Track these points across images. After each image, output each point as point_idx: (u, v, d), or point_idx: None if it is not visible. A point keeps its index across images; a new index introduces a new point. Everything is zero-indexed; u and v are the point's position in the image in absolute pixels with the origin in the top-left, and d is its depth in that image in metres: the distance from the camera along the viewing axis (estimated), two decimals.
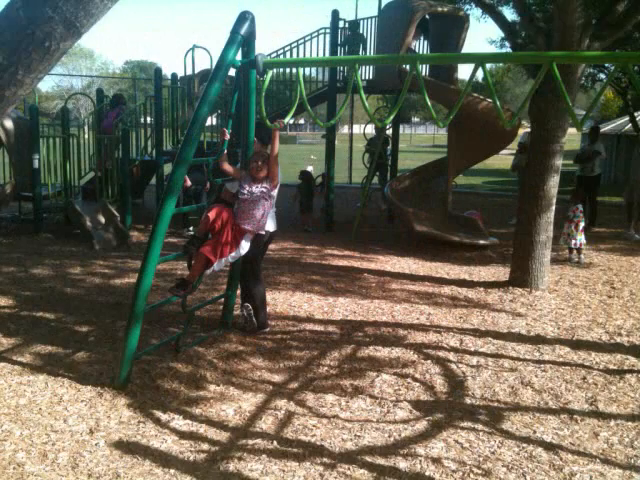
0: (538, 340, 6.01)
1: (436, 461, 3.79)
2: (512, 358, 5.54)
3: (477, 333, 6.13)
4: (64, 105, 11.62)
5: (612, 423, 4.34)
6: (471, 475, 3.64)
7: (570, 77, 7.01)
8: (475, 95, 10.08)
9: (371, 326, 6.35)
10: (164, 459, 3.79)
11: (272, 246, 10.26)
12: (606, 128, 23.71)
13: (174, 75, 13.58)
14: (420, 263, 9.38)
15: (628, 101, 23.22)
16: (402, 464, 3.75)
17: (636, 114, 21.65)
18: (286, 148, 57.81)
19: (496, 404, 4.63)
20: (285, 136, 70.50)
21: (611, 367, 5.37)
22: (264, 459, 3.79)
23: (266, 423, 4.27)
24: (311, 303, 7.10)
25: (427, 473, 3.66)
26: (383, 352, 5.64)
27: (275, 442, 4.01)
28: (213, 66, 5.29)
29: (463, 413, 4.46)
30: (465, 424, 4.28)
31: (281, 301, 7.14)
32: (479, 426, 4.26)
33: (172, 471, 3.66)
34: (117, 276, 8.15)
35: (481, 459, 3.83)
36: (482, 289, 7.80)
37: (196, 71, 12.90)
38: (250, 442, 4.01)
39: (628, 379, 5.10)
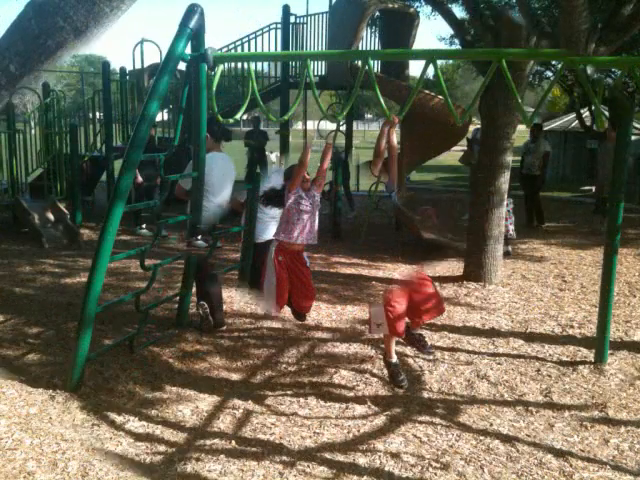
0: (492, 333, 6.09)
1: (395, 456, 3.80)
2: (468, 351, 5.60)
3: (433, 327, 6.15)
4: (9, 100, 11.31)
5: (566, 414, 4.42)
6: (430, 469, 3.67)
7: (519, 74, 7.11)
8: (427, 92, 10.13)
9: None
10: (119, 462, 3.71)
11: None
12: (553, 125, 24.26)
13: (123, 69, 13.35)
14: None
15: (575, 98, 23.73)
16: (361, 460, 3.76)
17: (582, 111, 22.17)
18: (239, 144, 57.31)
19: (453, 397, 4.68)
20: (238, 133, 70.07)
21: (564, 359, 5.47)
22: (222, 459, 3.75)
23: (224, 423, 4.23)
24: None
25: (386, 468, 3.67)
26: (341, 348, 5.64)
27: (233, 442, 3.97)
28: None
29: (421, 407, 4.49)
30: (423, 418, 4.31)
31: (238, 299, 7.05)
32: (437, 420, 4.29)
33: (128, 474, 3.59)
34: (68, 275, 7.97)
35: (439, 453, 3.86)
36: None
37: (145, 65, 12.72)
38: (208, 442, 3.96)
39: (581, 370, 5.20)
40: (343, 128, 13.78)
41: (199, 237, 10.80)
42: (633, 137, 16.62)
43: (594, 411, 4.46)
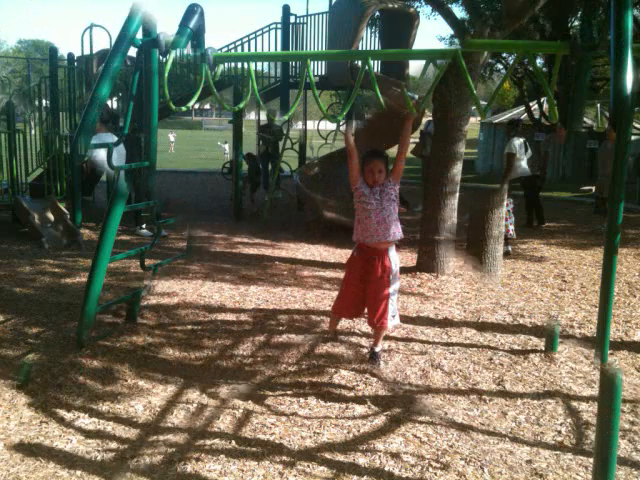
0: (446, 323, 6.15)
1: (394, 456, 3.78)
2: (422, 341, 5.65)
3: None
4: (9, 100, 11.24)
5: (519, 402, 4.47)
6: (383, 460, 3.71)
7: (472, 66, 7.19)
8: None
9: (284, 314, 6.38)
10: (70, 460, 3.66)
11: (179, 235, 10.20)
12: (502, 118, 24.79)
13: (70, 55, 13.05)
14: (330, 250, 9.56)
15: (524, 91, 24.23)
16: (361, 460, 3.73)
17: (531, 104, 22.62)
18: (192, 134, 56.90)
19: (408, 387, 4.70)
20: (190, 122, 69.50)
21: (515, 348, 5.54)
22: (175, 454, 3.70)
23: (177, 417, 4.18)
24: (222, 292, 7.08)
25: (386, 468, 3.64)
26: (296, 340, 5.66)
27: (187, 436, 3.93)
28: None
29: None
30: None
31: (191, 291, 7.10)
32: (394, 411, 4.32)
33: (78, 472, 3.53)
34: (68, 275, 7.94)
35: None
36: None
37: (94, 51, 12.53)
38: (161, 438, 3.90)
39: (532, 359, 5.27)
40: (342, 128, 13.78)
41: (144, 226, 10.83)
42: (633, 137, 16.73)
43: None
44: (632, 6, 3.60)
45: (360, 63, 4.93)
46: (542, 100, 22.75)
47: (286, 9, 12.14)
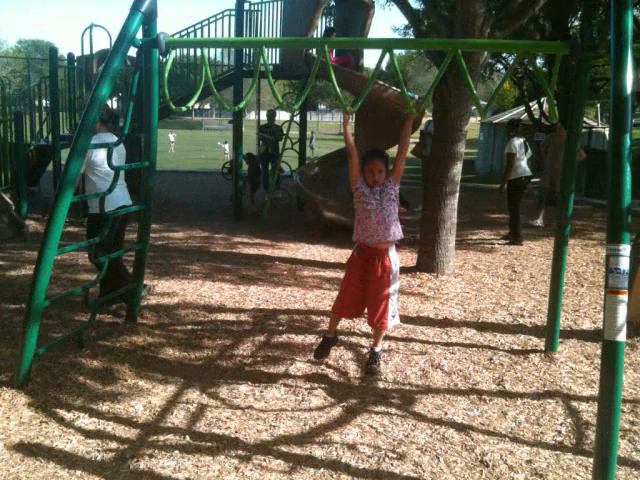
0: (446, 323, 6.13)
1: (352, 447, 3.77)
2: (422, 341, 5.62)
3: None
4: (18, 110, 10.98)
5: (519, 402, 4.46)
6: (386, 459, 3.64)
7: (472, 66, 7.17)
8: (381, 83, 10.11)
9: (284, 314, 6.31)
10: (70, 460, 3.60)
11: (179, 235, 10.11)
12: (502, 118, 24.97)
13: (70, 55, 12.98)
14: (330, 250, 9.49)
15: (524, 91, 24.35)
16: (318, 452, 3.71)
17: (531, 104, 22.72)
18: (192, 134, 57.11)
19: (408, 387, 4.68)
20: (190, 122, 69.70)
21: (515, 347, 5.54)
22: (176, 455, 3.65)
23: (178, 417, 4.13)
24: (222, 293, 6.98)
25: (343, 460, 3.63)
26: (296, 340, 5.60)
27: (187, 437, 3.88)
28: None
29: (377, 398, 4.48)
30: (379, 409, 4.30)
31: (191, 291, 7.00)
32: (392, 410, 4.28)
33: (79, 472, 3.47)
34: (13, 268, 7.73)
35: (395, 443, 3.84)
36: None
37: (94, 51, 12.40)
38: (161, 438, 3.86)
39: (532, 359, 5.27)
40: (297, 118, 13.72)
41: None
42: (634, 137, 16.83)
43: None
44: (632, 6, 3.64)
45: (315, 52, 4.91)
46: (542, 100, 22.47)
47: None
